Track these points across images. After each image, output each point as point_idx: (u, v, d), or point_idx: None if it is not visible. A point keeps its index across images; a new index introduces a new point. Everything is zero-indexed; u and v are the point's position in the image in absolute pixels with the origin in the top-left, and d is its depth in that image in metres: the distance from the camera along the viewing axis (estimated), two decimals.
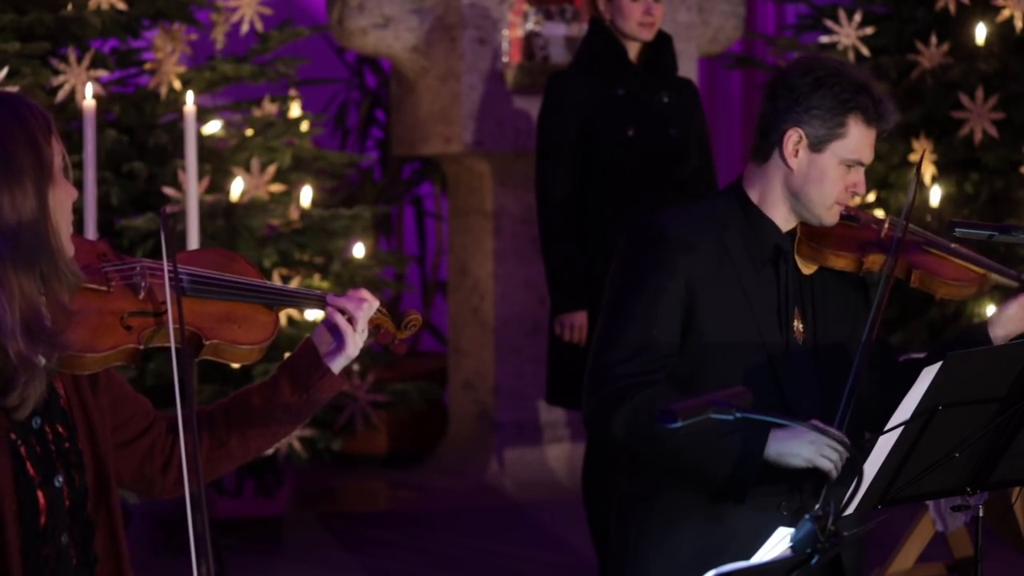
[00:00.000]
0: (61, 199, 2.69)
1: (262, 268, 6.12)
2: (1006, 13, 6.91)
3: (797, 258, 3.50)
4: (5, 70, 5.48)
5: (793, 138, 3.42)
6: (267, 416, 2.90)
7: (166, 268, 2.71)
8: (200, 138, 5.81)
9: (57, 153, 2.69)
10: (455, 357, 7.72)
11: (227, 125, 6.35)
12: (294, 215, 6.24)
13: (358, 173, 8.41)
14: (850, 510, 2.97)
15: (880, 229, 3.55)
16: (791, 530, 2.44)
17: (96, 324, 2.67)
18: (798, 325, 3.48)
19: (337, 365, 2.88)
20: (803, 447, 3.26)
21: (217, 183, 6.11)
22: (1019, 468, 3.23)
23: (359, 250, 6.56)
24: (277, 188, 6.20)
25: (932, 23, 7.11)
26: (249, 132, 6.30)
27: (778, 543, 2.45)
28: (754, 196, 3.49)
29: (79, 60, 5.86)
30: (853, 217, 3.55)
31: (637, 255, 3.46)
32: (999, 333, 3.52)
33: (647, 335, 3.38)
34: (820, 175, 3.42)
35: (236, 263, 2.88)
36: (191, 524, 2.58)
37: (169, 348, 2.71)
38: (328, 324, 2.87)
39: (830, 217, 3.45)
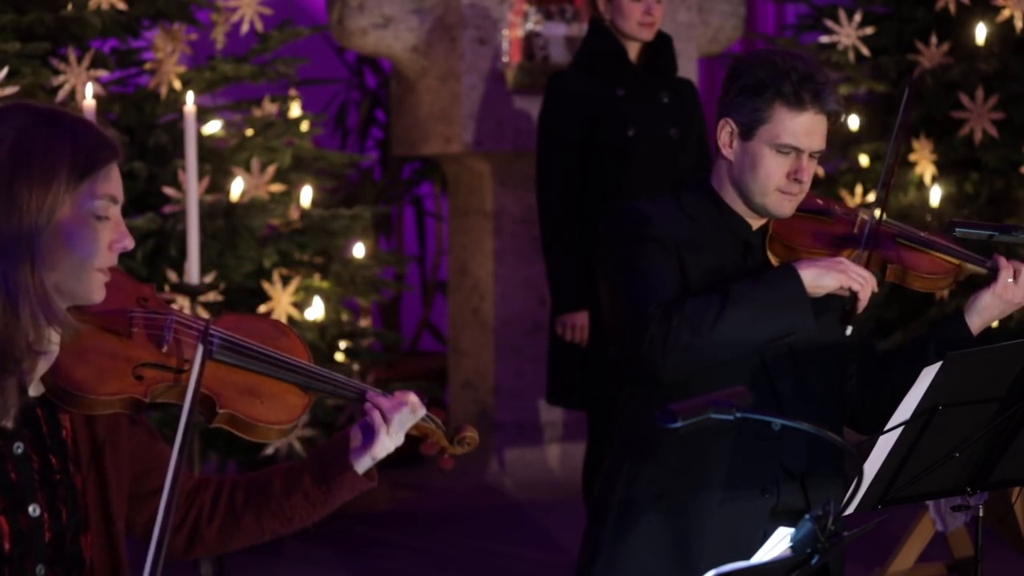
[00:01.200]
0: (78, 231, 2.51)
1: (262, 268, 6.12)
2: (1006, 13, 6.91)
3: (769, 254, 3.44)
4: (5, 70, 5.48)
5: (726, 129, 3.40)
6: (285, 501, 2.78)
7: (203, 342, 2.58)
8: (200, 138, 5.81)
9: (101, 196, 2.52)
10: (455, 357, 7.72)
11: (227, 125, 6.35)
12: (294, 215, 6.24)
13: (358, 173, 8.41)
14: (850, 510, 2.96)
15: (853, 223, 3.48)
16: (791, 530, 2.44)
17: (105, 367, 2.57)
18: None
19: (361, 465, 2.75)
20: (832, 274, 3.29)
21: (217, 183, 6.11)
22: (1019, 468, 3.24)
23: (359, 250, 6.56)
24: (277, 188, 6.20)
25: (932, 23, 7.11)
26: (249, 132, 6.30)
27: (778, 543, 2.45)
28: (718, 191, 3.46)
29: (79, 60, 5.85)
30: (826, 211, 3.49)
31: (625, 235, 3.39)
32: (976, 322, 3.48)
33: (666, 280, 3.33)
34: (752, 163, 3.36)
35: (286, 338, 2.74)
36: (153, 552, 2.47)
37: (181, 398, 2.58)
38: (364, 420, 2.76)
39: (774, 205, 3.38)
